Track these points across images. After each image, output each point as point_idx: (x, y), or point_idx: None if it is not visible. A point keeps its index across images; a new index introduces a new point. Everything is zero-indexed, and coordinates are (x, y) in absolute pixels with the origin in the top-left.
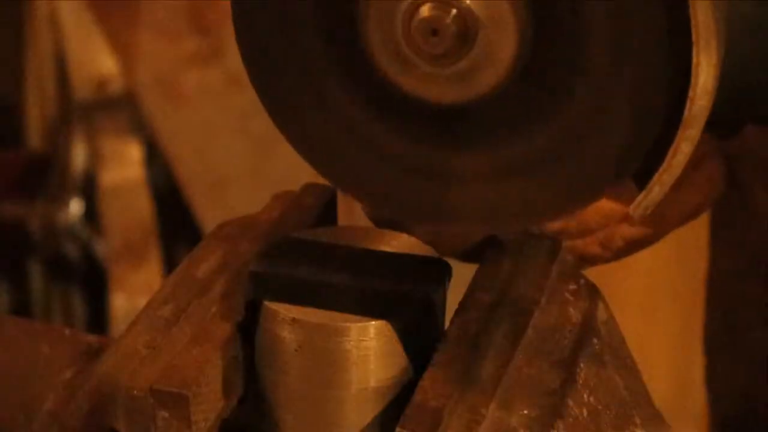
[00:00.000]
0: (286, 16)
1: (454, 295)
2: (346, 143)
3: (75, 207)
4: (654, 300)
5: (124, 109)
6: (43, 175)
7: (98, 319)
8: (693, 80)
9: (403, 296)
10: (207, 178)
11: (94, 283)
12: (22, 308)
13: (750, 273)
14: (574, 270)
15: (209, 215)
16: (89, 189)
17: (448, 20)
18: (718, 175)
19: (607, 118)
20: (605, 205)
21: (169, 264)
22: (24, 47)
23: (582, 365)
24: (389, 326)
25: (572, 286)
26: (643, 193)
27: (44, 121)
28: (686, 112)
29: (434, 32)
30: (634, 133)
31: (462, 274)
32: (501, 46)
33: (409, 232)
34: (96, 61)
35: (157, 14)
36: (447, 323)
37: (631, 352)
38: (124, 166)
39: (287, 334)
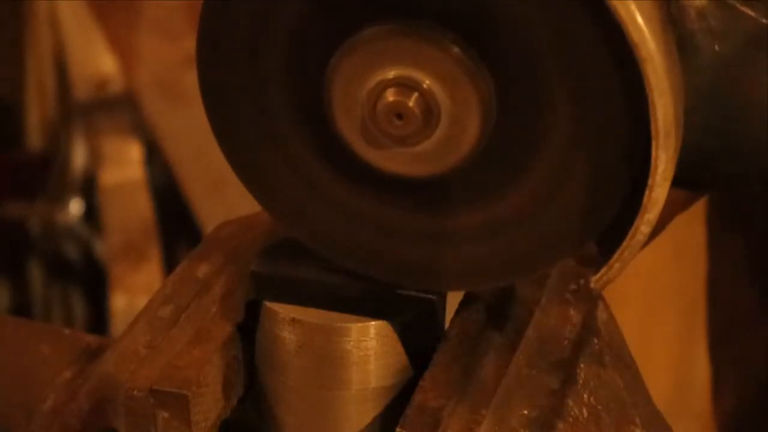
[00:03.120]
0: (258, 99)
1: (454, 295)
2: (312, 204)
3: (75, 207)
4: (654, 300)
5: (124, 109)
6: (43, 175)
7: (98, 319)
8: (652, 170)
9: (403, 296)
10: (207, 178)
11: (94, 283)
12: (22, 308)
13: (744, 277)
14: (575, 270)
15: (209, 215)
16: (89, 189)
17: (411, 104)
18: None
19: (567, 191)
20: None
21: (169, 264)
22: (24, 47)
23: (582, 365)
24: (389, 326)
25: (572, 286)
26: (605, 268)
27: (44, 121)
28: (645, 199)
29: (399, 116)
30: (592, 206)
31: None
32: (465, 126)
33: None
34: (96, 61)
35: (157, 14)
36: (447, 323)
37: (631, 352)
38: (124, 166)
39: (287, 334)
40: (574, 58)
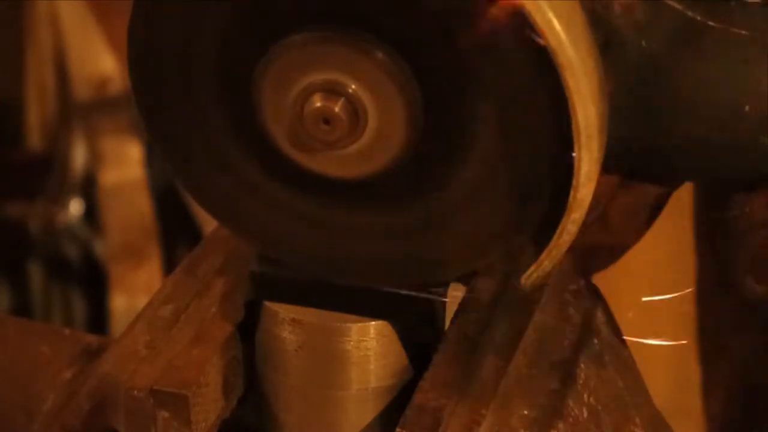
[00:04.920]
0: (192, 104)
1: (454, 295)
2: (249, 202)
3: (75, 207)
4: (654, 300)
5: (124, 109)
6: (43, 175)
7: (98, 319)
8: (576, 172)
9: (403, 296)
10: None
11: (94, 283)
12: (22, 308)
13: (726, 284)
14: (575, 270)
15: (209, 215)
16: (89, 189)
17: (338, 109)
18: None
19: (494, 193)
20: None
21: (169, 264)
22: (24, 47)
23: (582, 365)
24: (389, 326)
25: (572, 286)
26: (534, 266)
27: (44, 121)
28: (570, 199)
29: (326, 121)
30: (519, 206)
31: None
32: (392, 131)
33: None
34: (96, 61)
35: None
36: (447, 323)
37: (631, 352)
38: (124, 166)
39: (287, 334)
40: (499, 67)
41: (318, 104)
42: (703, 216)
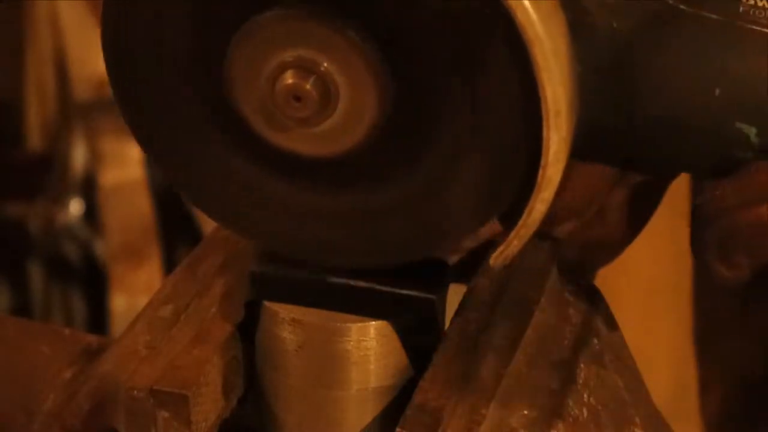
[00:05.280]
0: (166, 84)
1: (454, 295)
2: (227, 187)
3: (75, 207)
4: (654, 300)
5: None
6: (43, 175)
7: (98, 319)
8: (544, 150)
9: (403, 296)
10: None
11: (94, 283)
12: (22, 308)
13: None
14: (574, 270)
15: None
16: (89, 189)
17: (309, 86)
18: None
19: (467, 171)
20: (588, 180)
21: (169, 264)
22: (24, 47)
23: (582, 365)
24: (389, 326)
25: (572, 287)
26: (503, 245)
27: (44, 121)
28: (539, 179)
29: (297, 98)
30: (491, 186)
31: None
32: (363, 108)
33: None
34: (96, 61)
35: None
36: (447, 323)
37: (631, 352)
38: (124, 166)
39: (287, 334)
40: (470, 43)
41: (289, 81)
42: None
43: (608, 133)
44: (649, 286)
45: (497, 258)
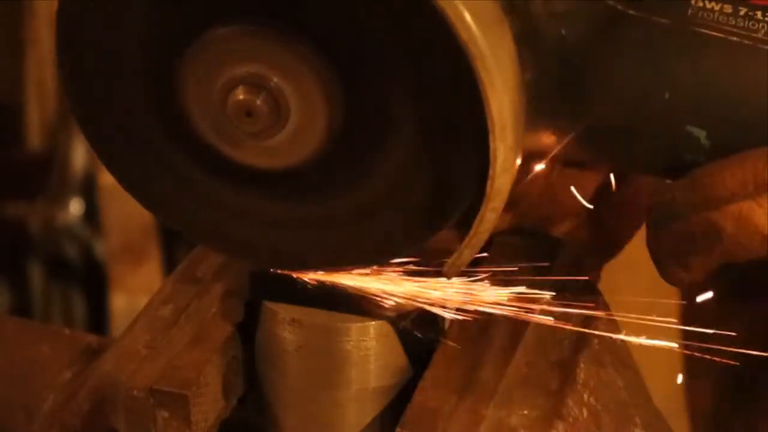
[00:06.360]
0: (121, 101)
1: None
2: (186, 199)
3: (75, 207)
4: (654, 299)
5: None
6: (43, 175)
7: (98, 319)
8: (491, 162)
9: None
10: None
11: (94, 283)
12: (22, 308)
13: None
14: (574, 270)
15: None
16: (89, 189)
17: (260, 102)
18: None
19: (417, 182)
20: (585, 183)
21: (169, 264)
22: (24, 47)
23: (582, 365)
24: (389, 326)
25: (572, 286)
26: (455, 254)
27: (44, 121)
28: (488, 189)
29: (248, 114)
30: (440, 198)
31: None
32: (314, 123)
33: None
34: None
35: None
36: (447, 323)
37: (631, 352)
38: None
39: (287, 334)
40: (417, 61)
41: (240, 97)
42: None
43: (562, 137)
44: (650, 286)
45: (450, 267)
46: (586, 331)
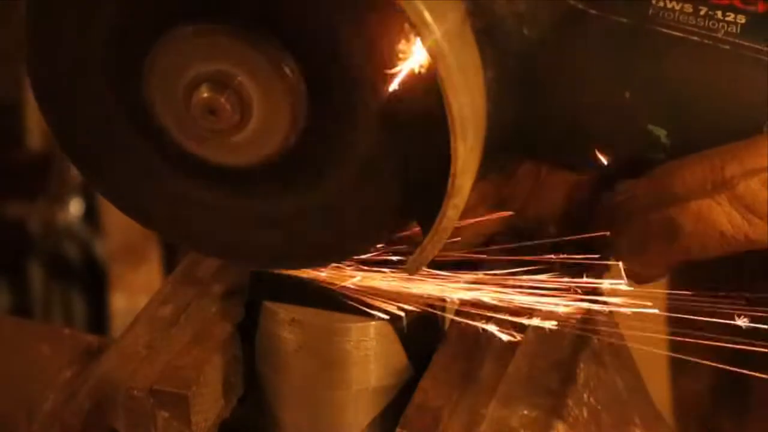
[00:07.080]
0: (89, 97)
1: None
2: (160, 198)
3: (75, 207)
4: (654, 298)
5: None
6: (43, 175)
7: (98, 319)
8: (453, 161)
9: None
10: None
11: (94, 283)
12: (22, 308)
13: (696, 270)
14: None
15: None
16: (89, 189)
17: (223, 100)
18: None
19: (380, 178)
20: (565, 186)
21: (169, 264)
22: (24, 47)
23: (582, 365)
24: (389, 326)
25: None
26: (418, 251)
27: (44, 122)
28: (449, 188)
29: (212, 111)
30: (405, 195)
31: None
32: (277, 119)
33: None
34: None
35: None
36: (447, 323)
37: (631, 352)
38: None
39: (287, 334)
40: (380, 59)
41: (204, 95)
42: None
43: (526, 134)
44: (649, 285)
45: (412, 263)
46: (586, 331)
